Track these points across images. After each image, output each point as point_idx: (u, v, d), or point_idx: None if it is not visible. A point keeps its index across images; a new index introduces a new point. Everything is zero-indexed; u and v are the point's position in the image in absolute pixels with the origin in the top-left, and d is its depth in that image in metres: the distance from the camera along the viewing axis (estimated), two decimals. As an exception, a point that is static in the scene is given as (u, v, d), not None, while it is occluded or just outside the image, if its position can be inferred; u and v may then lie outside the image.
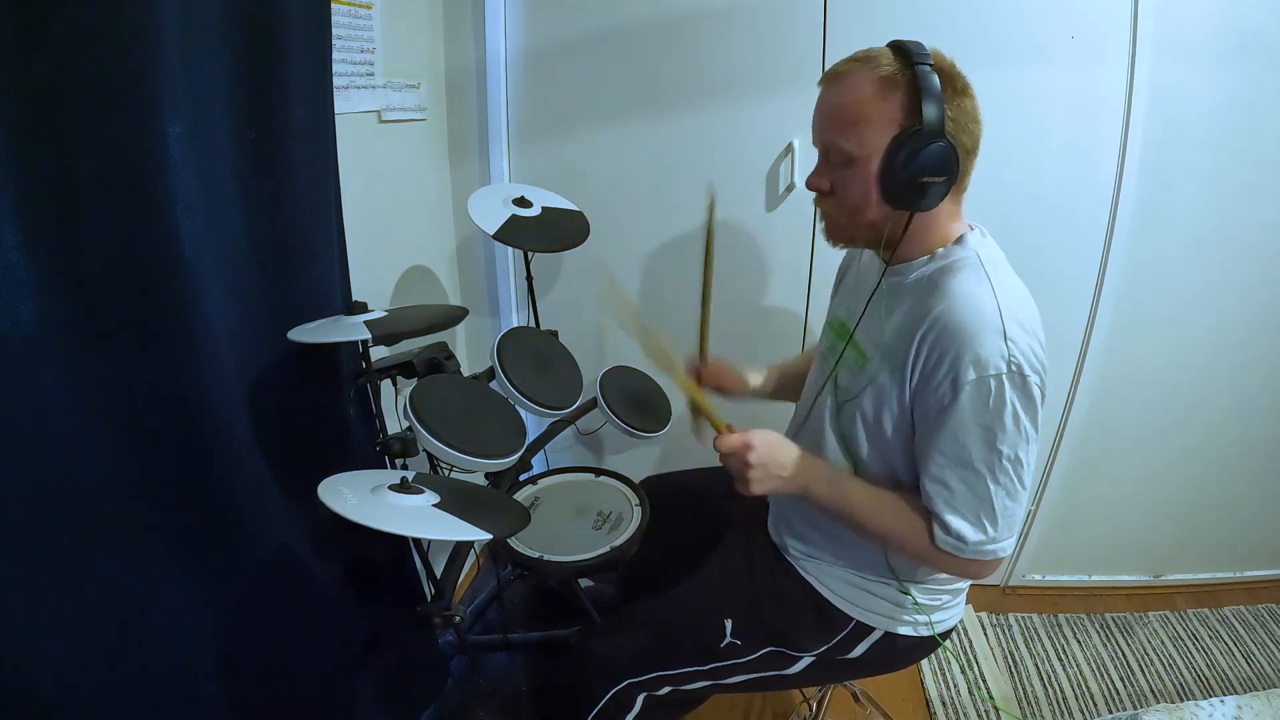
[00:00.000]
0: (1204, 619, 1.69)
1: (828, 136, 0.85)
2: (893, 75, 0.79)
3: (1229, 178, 1.40)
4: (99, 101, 0.70)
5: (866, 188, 0.82)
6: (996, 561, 0.84)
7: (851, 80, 0.81)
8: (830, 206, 0.89)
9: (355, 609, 1.21)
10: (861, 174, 0.82)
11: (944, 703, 1.46)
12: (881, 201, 0.82)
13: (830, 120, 0.84)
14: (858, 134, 0.81)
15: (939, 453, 0.81)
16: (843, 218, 0.88)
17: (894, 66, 0.79)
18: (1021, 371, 0.77)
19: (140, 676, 0.83)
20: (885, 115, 0.79)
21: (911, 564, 0.93)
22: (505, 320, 1.75)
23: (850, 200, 0.85)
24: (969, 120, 0.82)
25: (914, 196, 0.79)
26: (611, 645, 1.01)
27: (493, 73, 1.54)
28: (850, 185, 0.84)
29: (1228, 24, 1.30)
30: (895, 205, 0.81)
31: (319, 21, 1.01)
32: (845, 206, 0.86)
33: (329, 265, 1.09)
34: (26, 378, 0.68)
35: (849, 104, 0.81)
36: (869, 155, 0.80)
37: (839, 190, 0.86)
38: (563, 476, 1.38)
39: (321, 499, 0.76)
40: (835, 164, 0.85)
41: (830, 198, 0.87)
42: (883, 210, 0.83)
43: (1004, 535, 0.82)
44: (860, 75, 0.81)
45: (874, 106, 0.79)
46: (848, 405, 0.92)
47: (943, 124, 0.77)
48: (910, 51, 0.79)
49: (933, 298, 0.82)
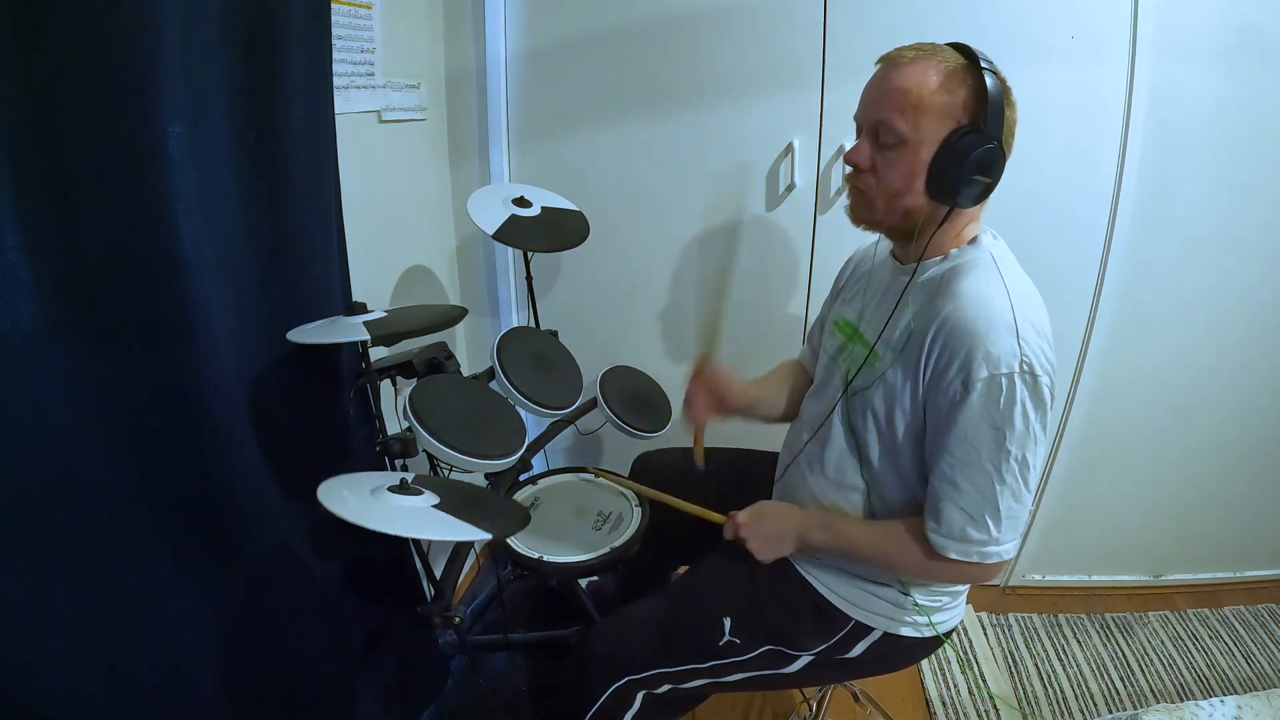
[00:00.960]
0: (1204, 619, 1.68)
1: (882, 115, 0.84)
2: (959, 71, 0.81)
3: (1229, 178, 1.40)
4: (99, 101, 0.70)
5: (912, 173, 0.83)
6: (1000, 564, 0.85)
7: (917, 66, 0.82)
8: (866, 185, 0.88)
9: (355, 609, 1.21)
10: (910, 158, 0.82)
11: (944, 703, 1.46)
12: (923, 190, 0.83)
13: (888, 99, 0.83)
14: (915, 118, 0.81)
15: (949, 452, 0.82)
16: (879, 199, 0.87)
17: (960, 64, 0.81)
18: (1033, 371, 0.77)
19: (140, 676, 0.83)
20: (946, 108, 0.80)
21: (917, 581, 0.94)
22: (505, 320, 1.75)
23: (892, 183, 0.85)
24: (1010, 134, 0.84)
25: (958, 192, 0.80)
26: (611, 643, 1.01)
27: (493, 73, 1.54)
28: (895, 167, 0.84)
29: (1228, 24, 1.30)
30: (935, 197, 0.82)
31: (319, 22, 1.01)
32: (885, 188, 0.86)
33: (329, 265, 1.09)
34: (26, 378, 0.68)
35: (911, 87, 0.81)
36: (921, 142, 0.81)
37: (881, 170, 0.86)
38: (563, 476, 1.38)
39: (321, 502, 0.76)
40: (883, 144, 0.85)
41: (868, 176, 0.87)
42: (922, 200, 0.84)
43: (1007, 537, 0.83)
44: (926, 64, 0.82)
45: (937, 97, 0.80)
46: (858, 403, 0.92)
47: (1001, 129, 0.80)
48: (976, 54, 0.81)
49: (945, 297, 0.83)
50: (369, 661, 1.24)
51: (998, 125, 0.80)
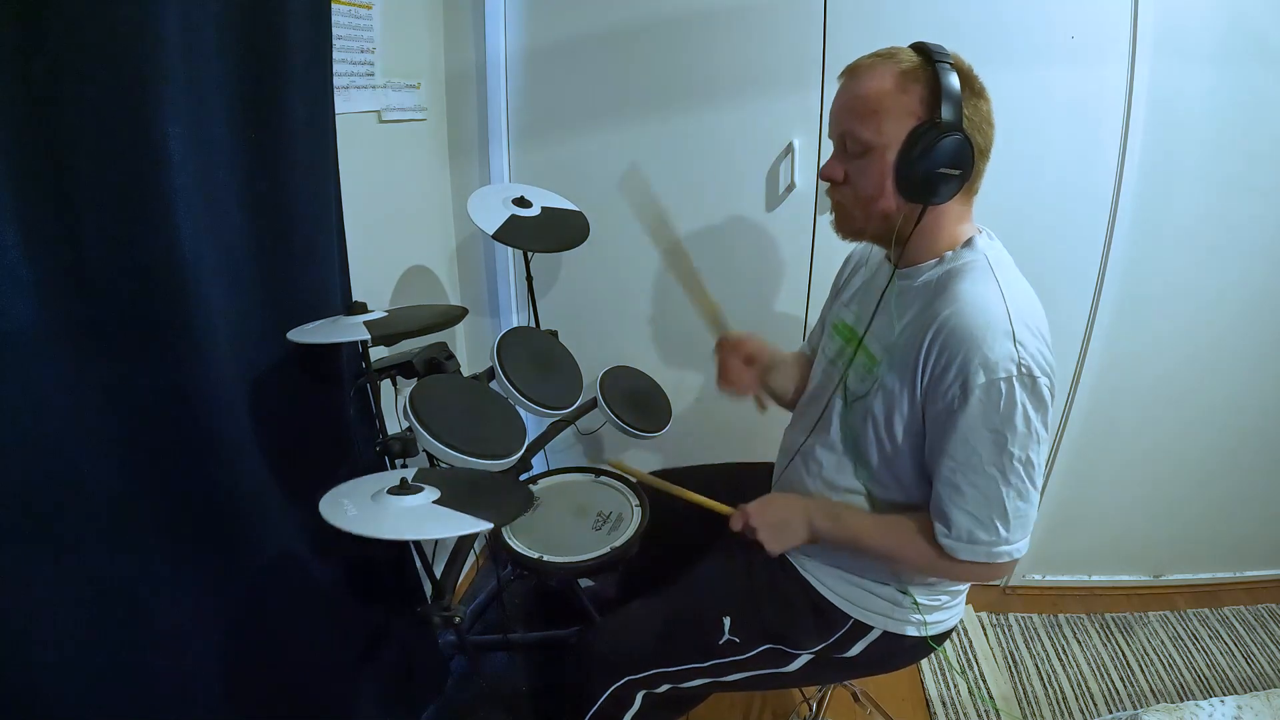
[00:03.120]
0: (1204, 619, 1.68)
1: (846, 125, 0.85)
2: (913, 70, 0.81)
3: (1228, 177, 1.40)
4: (99, 102, 0.70)
5: (882, 176, 0.83)
6: (1011, 563, 0.85)
7: (873, 73, 0.83)
8: (844, 197, 0.89)
9: (356, 609, 1.21)
10: (877, 163, 0.83)
11: (944, 703, 1.46)
12: (895, 192, 0.83)
13: (849, 110, 0.85)
14: (876, 123, 0.82)
15: (949, 457, 0.82)
16: (856, 208, 0.88)
17: (915, 63, 0.82)
18: (1031, 374, 0.77)
19: (140, 676, 0.83)
20: (904, 107, 0.81)
21: (924, 579, 0.94)
22: (505, 320, 1.75)
23: (864, 190, 0.86)
24: (983, 121, 0.84)
25: (928, 188, 0.81)
26: (610, 643, 1.01)
27: (493, 73, 1.54)
28: (865, 174, 0.85)
29: (1228, 24, 1.30)
30: (909, 197, 0.83)
31: (319, 22, 1.01)
32: (859, 196, 0.87)
33: (329, 265, 1.09)
34: (26, 378, 0.69)
35: (869, 94, 0.82)
36: (886, 145, 0.82)
37: (854, 179, 0.87)
38: (563, 476, 1.38)
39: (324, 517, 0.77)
40: (852, 153, 0.86)
41: (844, 187, 0.88)
42: (896, 201, 0.84)
43: (1017, 536, 0.83)
44: (882, 69, 0.83)
45: (894, 98, 0.81)
46: (857, 408, 0.92)
47: (960, 119, 0.79)
48: (931, 51, 0.81)
49: (941, 301, 0.83)
50: (369, 661, 1.24)
51: (956, 116, 0.79)
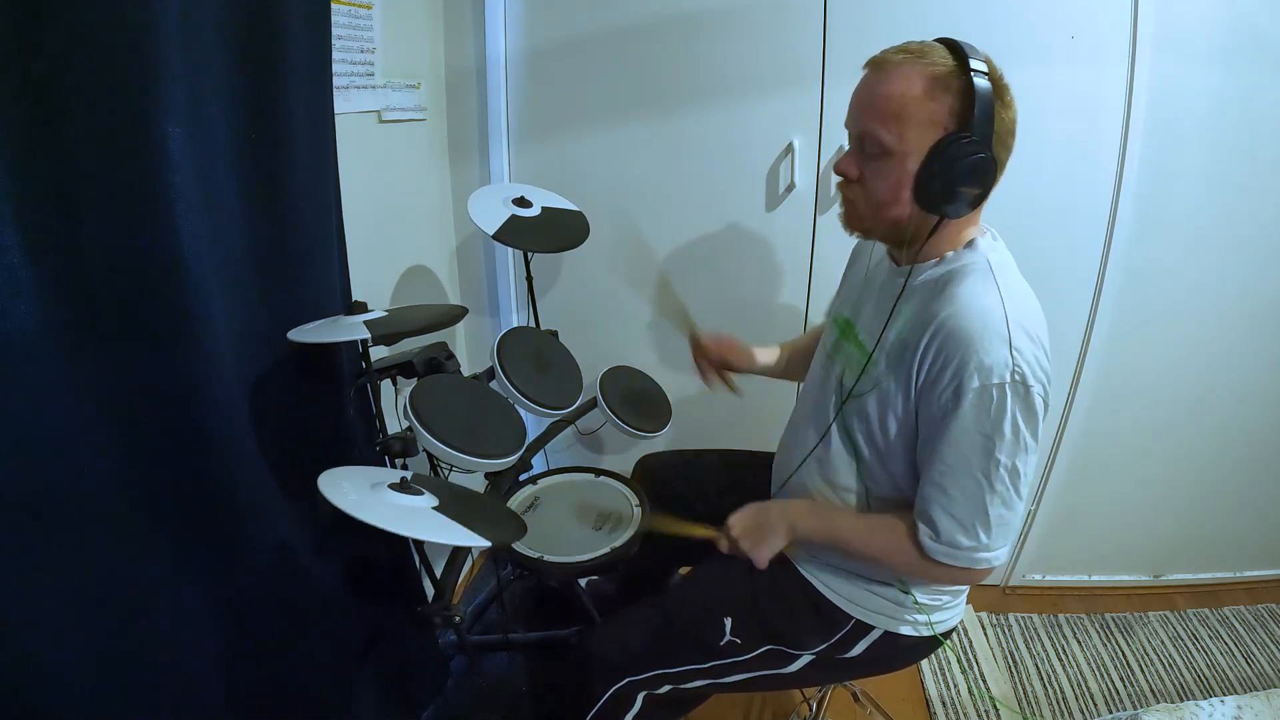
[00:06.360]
0: (1204, 619, 1.69)
1: (866, 125, 0.82)
2: (945, 76, 0.77)
3: (1228, 177, 1.40)
4: (99, 102, 0.70)
5: (899, 184, 0.81)
6: (988, 570, 0.85)
7: (901, 72, 0.79)
8: (855, 195, 0.87)
9: (356, 609, 1.21)
10: (896, 169, 0.80)
11: (944, 703, 1.46)
12: (911, 201, 0.81)
13: (872, 108, 0.81)
14: (899, 129, 0.79)
15: (940, 459, 0.81)
16: (866, 209, 0.86)
17: (948, 67, 0.78)
18: (1025, 381, 0.76)
19: (140, 676, 0.83)
20: (931, 116, 0.78)
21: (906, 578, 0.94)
22: (505, 320, 1.75)
23: (879, 193, 0.83)
24: (1007, 134, 0.81)
25: (946, 202, 0.78)
26: (611, 643, 1.01)
27: (493, 73, 1.54)
28: (881, 178, 0.82)
29: (1228, 24, 1.30)
30: (925, 208, 0.80)
31: (319, 22, 1.01)
32: (872, 198, 0.84)
33: (329, 265, 1.09)
34: (26, 378, 0.68)
35: (894, 95, 0.79)
36: (907, 152, 0.79)
37: (868, 180, 0.84)
38: (563, 476, 1.38)
39: (321, 491, 0.76)
40: (869, 154, 0.83)
41: (856, 185, 0.86)
42: (910, 209, 0.82)
43: (997, 544, 0.83)
44: (911, 69, 0.78)
45: (921, 105, 0.78)
46: (854, 406, 0.92)
47: (990, 136, 0.76)
48: (965, 54, 0.77)
49: (939, 302, 0.82)
50: (370, 661, 1.24)
51: (987, 130, 0.76)
